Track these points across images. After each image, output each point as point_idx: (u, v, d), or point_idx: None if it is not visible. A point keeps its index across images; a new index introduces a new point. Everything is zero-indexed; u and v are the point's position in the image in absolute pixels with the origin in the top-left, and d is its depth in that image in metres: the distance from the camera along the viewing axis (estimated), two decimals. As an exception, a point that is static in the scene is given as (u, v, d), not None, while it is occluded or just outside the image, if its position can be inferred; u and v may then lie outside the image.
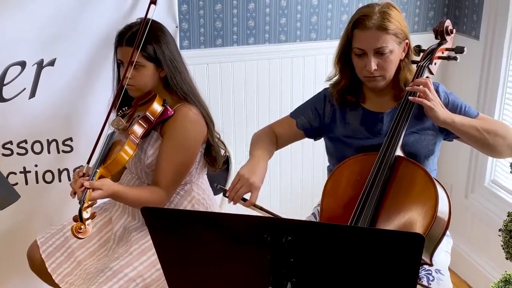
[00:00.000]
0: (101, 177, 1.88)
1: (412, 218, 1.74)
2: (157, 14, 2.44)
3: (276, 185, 3.00)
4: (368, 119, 1.98)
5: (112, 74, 2.20)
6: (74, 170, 2.59)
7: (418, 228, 1.71)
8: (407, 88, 1.89)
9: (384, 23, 1.85)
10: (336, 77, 2.03)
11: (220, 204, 2.45)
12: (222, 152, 2.27)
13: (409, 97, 1.86)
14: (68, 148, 2.54)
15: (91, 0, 2.40)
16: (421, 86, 1.85)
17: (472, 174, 2.85)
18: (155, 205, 2.05)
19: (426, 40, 2.47)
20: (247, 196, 1.85)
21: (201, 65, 2.68)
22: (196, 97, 2.14)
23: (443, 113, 1.85)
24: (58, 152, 2.53)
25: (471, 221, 2.88)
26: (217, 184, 1.90)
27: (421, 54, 2.02)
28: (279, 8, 2.70)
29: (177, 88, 2.10)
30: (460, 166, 2.90)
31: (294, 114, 2.11)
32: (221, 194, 2.47)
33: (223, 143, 2.29)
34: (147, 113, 2.01)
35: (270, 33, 2.73)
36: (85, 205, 1.77)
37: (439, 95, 1.91)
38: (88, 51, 2.45)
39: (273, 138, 2.07)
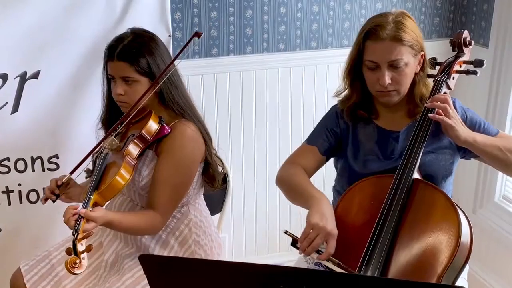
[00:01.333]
0: (95, 204, 1.72)
1: (434, 248, 1.60)
2: (149, 22, 2.32)
3: (274, 204, 2.86)
4: (382, 138, 1.84)
5: (102, 89, 2.04)
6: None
7: (442, 258, 1.58)
8: (426, 104, 1.75)
9: (399, 33, 1.71)
10: (346, 92, 1.88)
11: (218, 225, 2.30)
12: (220, 169, 2.12)
13: (430, 115, 1.72)
14: (54, 166, 2.41)
15: (78, 8, 2.28)
16: (439, 103, 1.71)
17: (481, 188, 2.73)
18: (151, 231, 1.94)
19: (431, 47, 2.33)
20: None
21: (196, 76, 2.52)
22: (193, 112, 2.01)
23: (464, 132, 1.71)
24: (43, 170, 2.40)
25: (479, 237, 2.73)
26: (286, 230, 1.65)
27: (437, 67, 1.89)
28: (278, 16, 2.56)
29: (173, 103, 1.95)
30: (467, 179, 2.77)
31: (312, 141, 1.93)
32: (218, 215, 2.33)
33: (220, 159, 2.15)
34: (143, 132, 1.86)
35: (269, 41, 2.58)
36: (80, 236, 1.60)
37: (456, 111, 1.77)
38: (75, 62, 2.33)
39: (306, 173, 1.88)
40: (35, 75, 2.27)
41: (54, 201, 1.90)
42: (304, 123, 2.72)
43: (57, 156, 2.39)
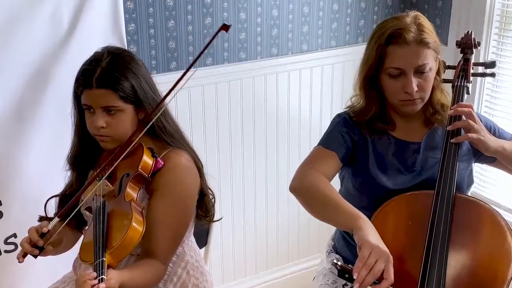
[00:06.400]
0: (107, 266, 1.40)
1: (491, 266, 1.51)
2: (102, 36, 2.01)
3: (261, 223, 2.67)
4: (401, 150, 1.71)
5: (72, 121, 1.71)
6: (5, 241, 2.04)
7: (503, 274, 1.48)
8: (448, 128, 1.65)
9: (424, 36, 1.59)
10: (361, 105, 1.72)
11: (205, 258, 2.05)
12: (211, 198, 1.87)
13: (451, 140, 1.62)
14: (-4, 214, 2.02)
15: (17, 24, 1.91)
16: (463, 117, 1.62)
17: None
18: (155, 282, 1.64)
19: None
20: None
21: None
22: (183, 139, 1.76)
23: (492, 142, 1.63)
24: (-17, 221, 2.00)
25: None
26: (336, 263, 1.41)
27: (447, 71, 1.79)
28: (238, 22, 2.33)
29: (164, 132, 1.69)
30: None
31: (329, 145, 1.70)
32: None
33: (209, 188, 1.90)
34: (140, 170, 1.57)
35: (229, 51, 2.35)
36: None
37: None
38: (15, 90, 1.97)
39: None
40: (-31, 108, 1.88)
41: (36, 257, 1.53)
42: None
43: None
